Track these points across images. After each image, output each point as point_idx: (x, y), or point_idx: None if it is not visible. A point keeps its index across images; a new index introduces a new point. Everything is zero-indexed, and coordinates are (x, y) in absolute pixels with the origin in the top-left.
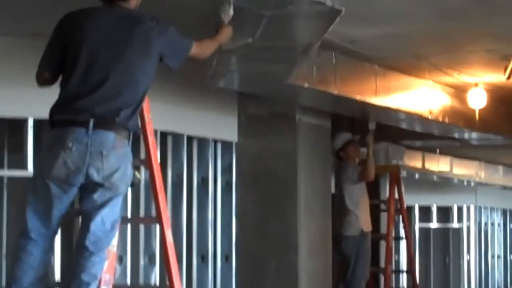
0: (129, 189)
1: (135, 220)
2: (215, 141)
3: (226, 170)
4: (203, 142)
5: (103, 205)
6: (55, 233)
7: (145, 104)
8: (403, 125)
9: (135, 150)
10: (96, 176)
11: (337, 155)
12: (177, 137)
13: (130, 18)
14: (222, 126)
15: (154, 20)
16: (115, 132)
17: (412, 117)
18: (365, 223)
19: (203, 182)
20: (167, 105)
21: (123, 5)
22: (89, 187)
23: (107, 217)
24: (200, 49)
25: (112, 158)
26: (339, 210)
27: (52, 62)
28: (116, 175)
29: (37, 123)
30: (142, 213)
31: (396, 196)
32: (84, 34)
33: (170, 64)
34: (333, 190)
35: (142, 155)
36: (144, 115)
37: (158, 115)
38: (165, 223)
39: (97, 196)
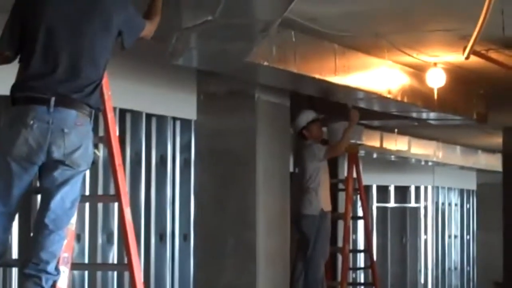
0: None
1: (94, 198)
2: (174, 119)
3: (185, 148)
4: (162, 120)
5: (63, 183)
6: (15, 211)
7: (104, 81)
8: (362, 104)
9: (94, 128)
10: (57, 154)
11: (300, 134)
12: (136, 114)
13: None
14: (181, 104)
15: None
16: (77, 110)
17: (371, 96)
18: (325, 202)
19: (162, 160)
20: (126, 82)
21: None
22: (49, 165)
23: (67, 195)
24: (150, 29)
25: (74, 136)
26: (299, 188)
27: (12, 41)
28: (77, 153)
29: None
30: (100, 191)
31: (354, 175)
32: (42, 11)
33: (125, 41)
34: (291, 168)
35: (101, 133)
36: (104, 91)
37: (117, 92)
38: (124, 201)
39: (58, 174)
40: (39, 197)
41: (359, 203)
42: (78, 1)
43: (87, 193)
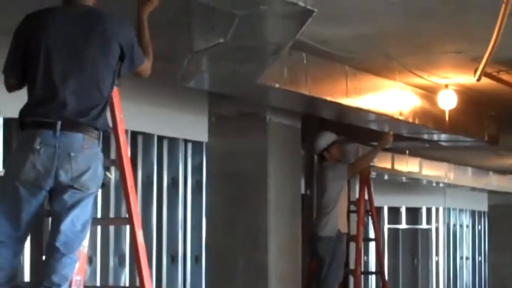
0: (99, 190)
1: (106, 221)
2: (186, 141)
3: (196, 170)
4: (173, 142)
5: (73, 205)
6: (25, 235)
7: (117, 104)
8: (373, 126)
9: (105, 150)
10: (64, 178)
11: (320, 155)
12: (147, 137)
13: (89, 15)
14: (193, 126)
15: (116, 18)
16: (84, 133)
17: (382, 118)
18: (342, 223)
19: (173, 182)
20: (137, 105)
21: (82, 3)
22: (59, 189)
23: (77, 217)
24: (147, 66)
25: (81, 159)
26: (315, 210)
27: (15, 67)
28: (86, 176)
29: (7, 122)
30: (112, 213)
31: (366, 197)
32: (42, 36)
33: (123, 68)
34: (303, 190)
35: (113, 155)
36: (116, 114)
37: (129, 115)
38: (136, 224)
39: (68, 197)
40: (50, 220)
41: (370, 225)
42: (78, 24)
43: (98, 215)
